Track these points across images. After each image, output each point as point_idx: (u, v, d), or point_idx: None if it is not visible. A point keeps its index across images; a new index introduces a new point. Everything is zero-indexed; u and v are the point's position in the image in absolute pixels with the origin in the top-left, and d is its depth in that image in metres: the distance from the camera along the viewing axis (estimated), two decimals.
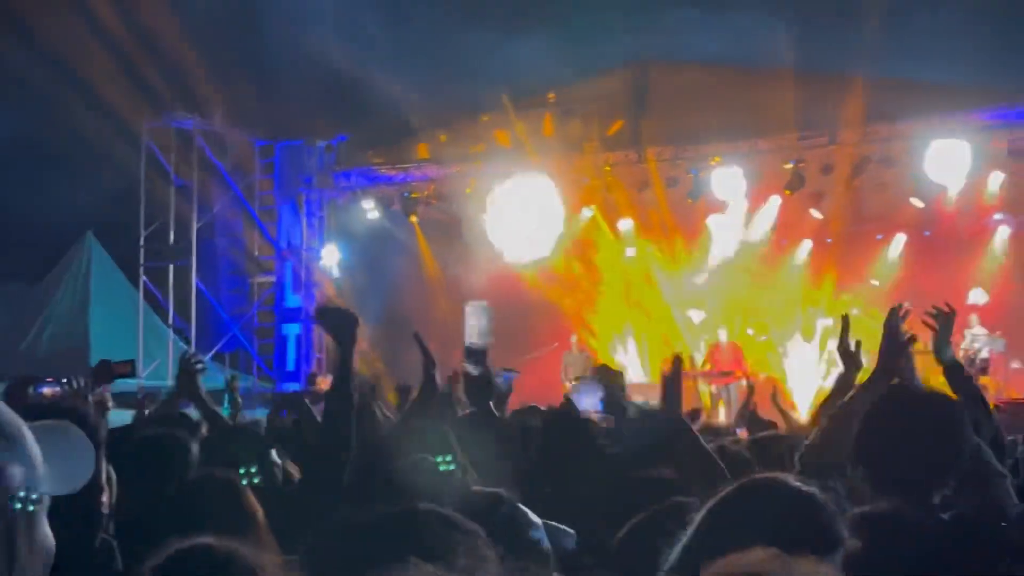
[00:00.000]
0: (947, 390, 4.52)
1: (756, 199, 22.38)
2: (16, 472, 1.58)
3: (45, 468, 1.62)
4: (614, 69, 22.77)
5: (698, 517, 2.63)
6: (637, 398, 18.83)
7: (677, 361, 5.20)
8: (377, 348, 23.48)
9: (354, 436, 4.48)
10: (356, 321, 4.55)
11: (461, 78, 21.22)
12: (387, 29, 21.96)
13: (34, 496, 1.61)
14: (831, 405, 4.74)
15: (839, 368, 5.46)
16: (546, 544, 2.99)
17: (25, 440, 1.60)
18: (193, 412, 7.03)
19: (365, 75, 21.89)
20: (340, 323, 4.56)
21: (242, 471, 4.75)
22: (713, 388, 20.74)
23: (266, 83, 23.60)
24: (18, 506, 1.57)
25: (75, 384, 5.96)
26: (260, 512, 3.44)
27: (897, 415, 3.53)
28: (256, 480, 4.81)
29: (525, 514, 3.08)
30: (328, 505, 4.16)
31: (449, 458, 4.18)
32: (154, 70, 23.80)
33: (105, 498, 3.10)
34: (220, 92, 24.10)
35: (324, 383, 7.15)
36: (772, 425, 10.96)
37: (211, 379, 23.60)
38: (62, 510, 2.81)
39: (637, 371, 23.05)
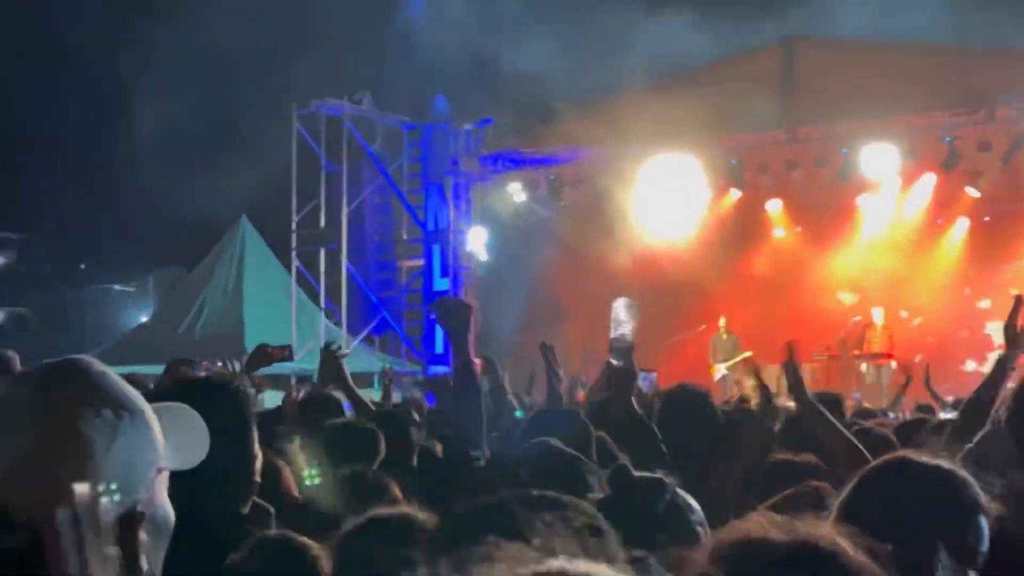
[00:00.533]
0: None
1: (909, 178, 21.83)
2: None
3: (165, 444, 1.69)
4: (762, 47, 22.42)
5: (836, 500, 2.66)
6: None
7: (789, 347, 5.25)
8: (522, 333, 23.63)
9: (483, 420, 4.68)
10: (470, 310, 4.75)
11: (606, 57, 21.15)
12: (531, 9, 21.98)
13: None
14: (990, 387, 4.65)
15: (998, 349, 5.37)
16: (704, 528, 2.98)
17: (146, 416, 1.67)
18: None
19: (510, 57, 21.96)
20: (453, 314, 4.75)
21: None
22: (865, 369, 20.34)
23: (414, 67, 23.84)
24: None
25: (230, 367, 6.11)
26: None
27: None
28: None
29: (685, 499, 3.09)
30: (465, 482, 4.42)
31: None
32: (304, 58, 24.26)
33: (257, 466, 3.24)
34: (369, 77, 24.45)
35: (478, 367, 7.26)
36: (929, 409, 10.76)
37: (362, 362, 24.16)
38: (215, 478, 2.94)
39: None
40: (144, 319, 36.86)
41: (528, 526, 1.74)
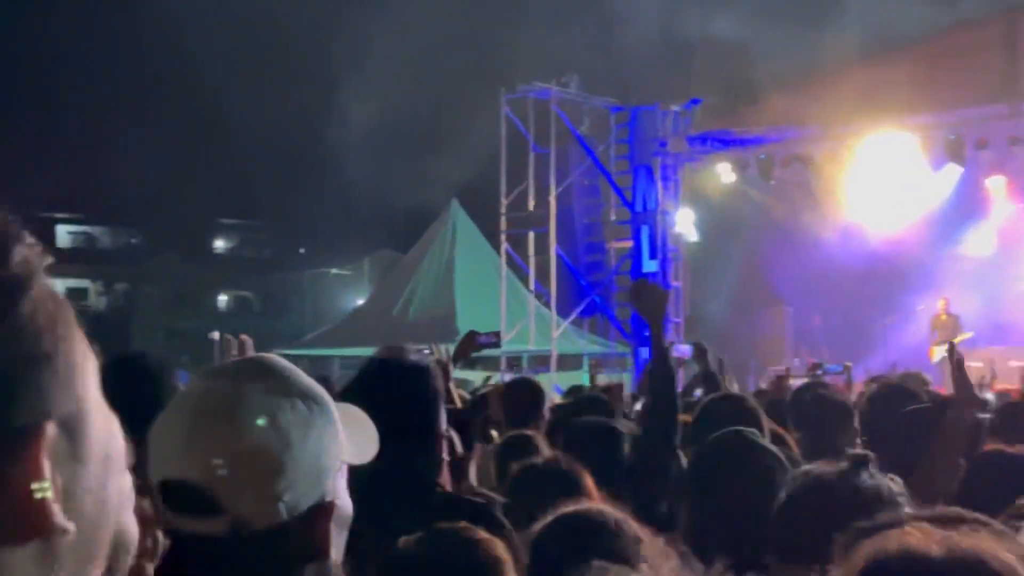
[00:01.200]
0: None
1: None
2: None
3: (346, 438, 1.74)
4: (984, 16, 21.54)
5: None
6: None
7: (951, 346, 5.21)
8: (732, 315, 23.40)
9: (677, 401, 4.78)
10: (666, 295, 4.84)
11: (817, 32, 20.66)
12: None
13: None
14: None
15: None
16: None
17: (332, 411, 1.74)
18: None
19: (717, 35, 21.69)
20: (649, 298, 4.78)
21: None
22: None
23: (620, 49, 23.79)
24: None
25: (438, 352, 6.17)
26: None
27: None
28: None
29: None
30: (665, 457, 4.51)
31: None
32: (511, 42, 24.47)
33: (446, 449, 3.31)
34: (575, 60, 24.50)
35: (678, 352, 7.25)
36: None
37: (572, 344, 24.31)
38: (404, 454, 3.02)
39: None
40: (360, 302, 37.89)
41: None
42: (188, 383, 1.79)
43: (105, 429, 0.94)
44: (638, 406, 8.19)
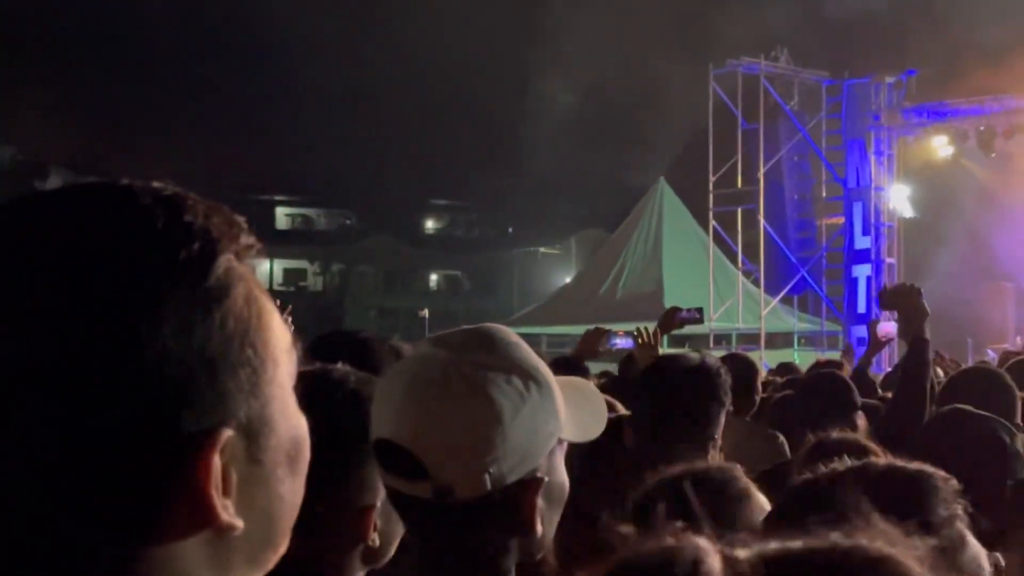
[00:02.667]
0: None
1: None
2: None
3: (567, 416, 1.77)
4: None
5: None
6: None
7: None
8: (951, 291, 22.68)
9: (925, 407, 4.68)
10: (919, 293, 4.81)
11: None
12: None
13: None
14: None
15: None
16: None
17: (552, 388, 1.74)
18: None
19: (931, 4, 21.03)
20: (906, 303, 4.83)
21: None
22: None
23: (831, 21, 23.29)
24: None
25: (643, 331, 6.18)
26: None
27: None
28: None
29: None
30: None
31: None
32: (720, 16, 24.21)
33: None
34: (785, 34, 24.09)
35: (886, 331, 7.00)
36: None
37: (781, 322, 23.98)
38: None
39: None
40: (567, 280, 38.11)
41: None
42: (416, 347, 1.84)
43: (289, 430, 1.00)
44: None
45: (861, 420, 5.28)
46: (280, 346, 0.98)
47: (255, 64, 59.46)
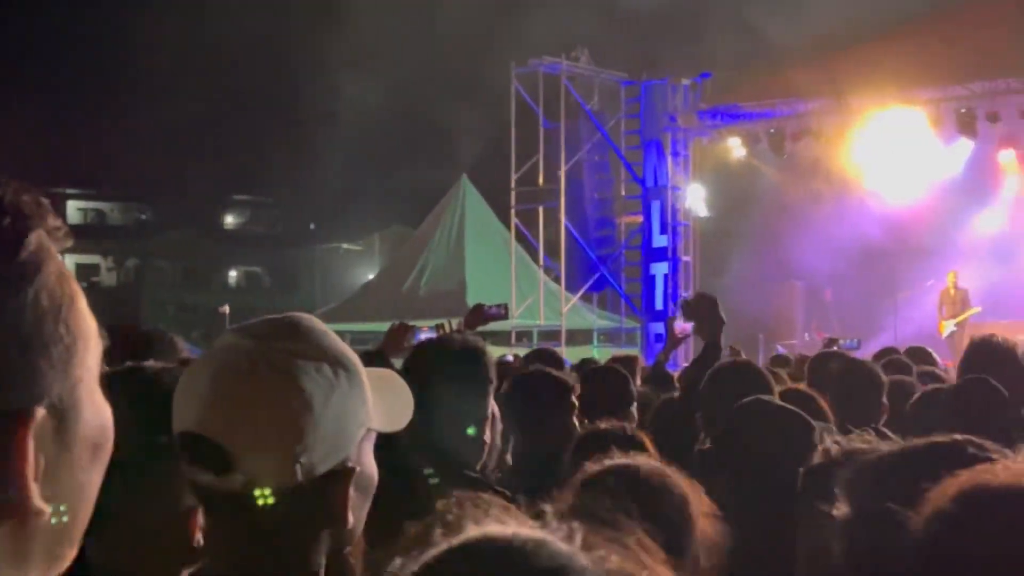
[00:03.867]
0: None
1: None
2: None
3: (375, 405, 1.73)
4: None
5: None
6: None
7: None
8: (743, 290, 23.37)
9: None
10: (716, 303, 5.30)
11: (828, 7, 20.55)
12: None
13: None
14: None
15: None
16: None
17: (361, 377, 1.72)
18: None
19: (727, 8, 21.59)
20: (708, 311, 5.32)
21: None
22: None
23: (630, 23, 23.70)
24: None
25: (448, 327, 6.21)
26: None
27: None
28: None
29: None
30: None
31: None
32: (522, 16, 24.40)
33: (488, 433, 3.32)
34: (586, 34, 24.42)
35: (682, 328, 7.21)
36: None
37: (581, 319, 24.29)
38: (450, 437, 3.05)
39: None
40: (370, 277, 37.93)
41: None
42: (220, 338, 1.76)
43: (96, 417, 0.96)
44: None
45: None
46: (91, 328, 0.94)
47: (43, 53, 57.37)
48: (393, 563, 1.03)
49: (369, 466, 1.74)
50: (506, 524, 1.04)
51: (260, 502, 1.59)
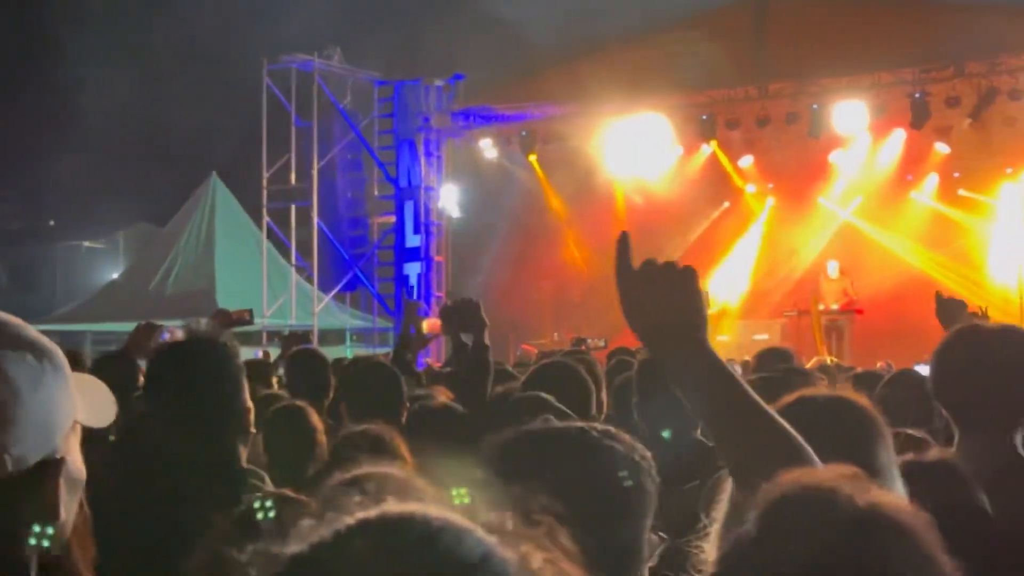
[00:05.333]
0: None
1: (879, 134, 21.90)
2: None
3: (80, 400, 1.71)
4: (734, 2, 22.35)
5: None
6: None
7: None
8: (495, 289, 23.68)
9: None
10: (479, 307, 5.39)
11: (579, 13, 21.04)
12: None
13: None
14: None
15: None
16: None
17: (65, 370, 1.69)
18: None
19: (482, 12, 21.83)
20: (468, 317, 5.37)
21: None
22: (826, 323, 20.34)
23: (383, 22, 23.69)
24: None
25: (194, 327, 6.07)
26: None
27: (970, 350, 3.44)
28: None
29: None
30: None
31: None
32: (273, 12, 24.07)
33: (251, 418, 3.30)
34: (339, 33, 24.28)
35: (431, 325, 7.29)
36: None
37: (334, 319, 24.08)
38: (209, 431, 3.01)
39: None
40: (114, 276, 36.70)
41: None
42: None
43: (78, 459, 0.95)
44: None
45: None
46: None
47: None
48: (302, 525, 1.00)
49: (77, 460, 1.70)
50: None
51: None
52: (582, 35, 21.15)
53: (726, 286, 23.83)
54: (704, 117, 22.06)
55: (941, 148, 21.69)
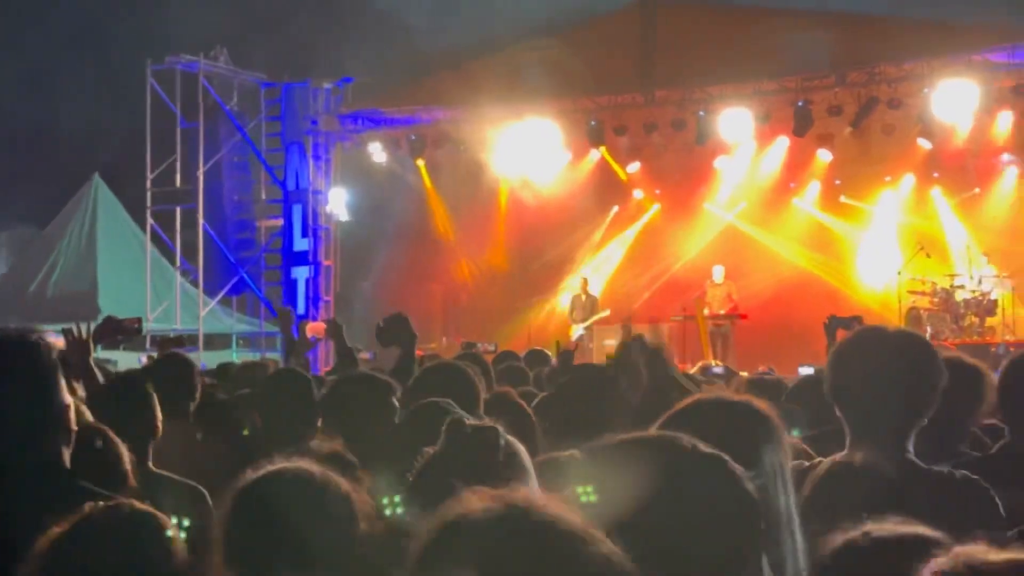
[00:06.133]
0: None
1: (763, 141, 22.24)
2: None
3: None
4: (622, 9, 22.54)
5: None
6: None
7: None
8: (385, 292, 23.58)
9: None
10: (408, 320, 5.91)
11: (469, 18, 21.05)
12: None
13: None
14: None
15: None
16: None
17: None
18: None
19: (373, 15, 21.73)
20: (399, 330, 5.92)
21: None
22: (712, 328, 20.63)
23: (272, 23, 23.48)
24: None
25: (78, 332, 5.94)
26: None
27: (867, 355, 3.46)
28: None
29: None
30: None
31: None
32: (158, 12, 23.71)
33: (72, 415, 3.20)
34: (226, 33, 23.99)
35: (314, 329, 7.28)
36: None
37: (220, 323, 23.79)
38: (25, 429, 2.93)
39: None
40: None
41: None
42: None
43: None
44: None
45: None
46: None
47: None
48: None
49: None
50: None
51: None
52: (472, 39, 21.17)
53: (612, 290, 24.03)
54: (592, 123, 22.20)
55: (823, 155, 22.11)
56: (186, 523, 2.84)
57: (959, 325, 19.21)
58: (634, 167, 23.82)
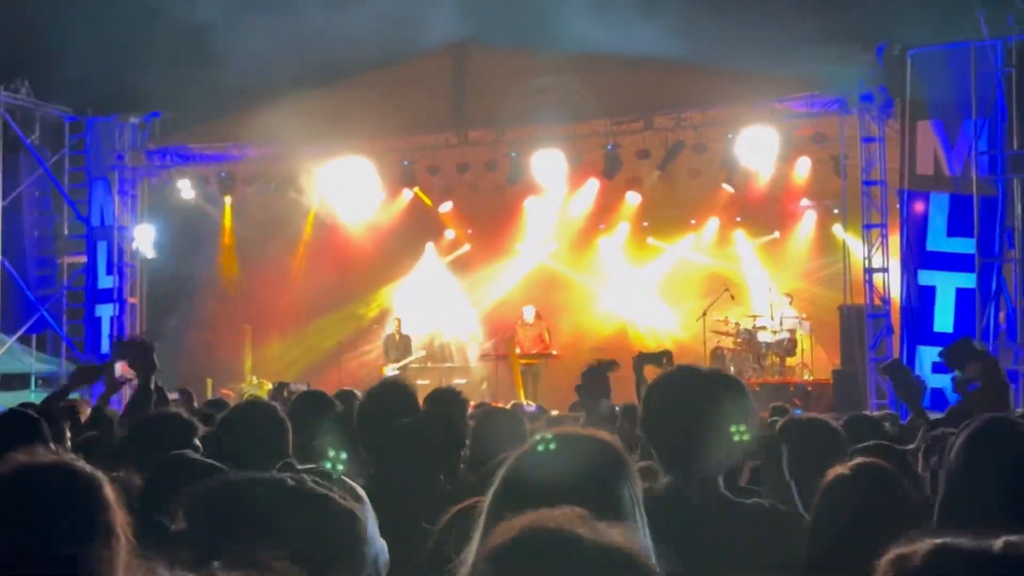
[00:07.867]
0: None
1: (575, 183, 22.62)
2: None
3: None
4: (435, 51, 22.65)
5: None
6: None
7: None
8: (193, 331, 23.13)
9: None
10: (153, 348, 5.48)
11: (281, 55, 20.85)
12: None
13: None
14: None
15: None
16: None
17: None
18: None
19: (184, 48, 21.35)
20: (139, 354, 5.07)
21: None
22: (523, 367, 20.84)
23: (77, 56, 22.82)
24: None
25: None
26: None
27: (678, 389, 3.53)
28: None
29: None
30: None
31: None
32: None
33: None
34: (28, 64, 23.27)
35: (124, 368, 7.07)
36: None
37: (19, 363, 22.91)
38: None
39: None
40: None
41: None
42: None
43: None
44: None
45: None
46: None
47: None
48: None
49: None
50: None
51: None
52: (284, 76, 20.97)
53: (427, 331, 24.09)
54: (405, 162, 22.26)
55: (632, 198, 22.61)
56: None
57: (761, 365, 19.86)
58: (446, 207, 23.97)
